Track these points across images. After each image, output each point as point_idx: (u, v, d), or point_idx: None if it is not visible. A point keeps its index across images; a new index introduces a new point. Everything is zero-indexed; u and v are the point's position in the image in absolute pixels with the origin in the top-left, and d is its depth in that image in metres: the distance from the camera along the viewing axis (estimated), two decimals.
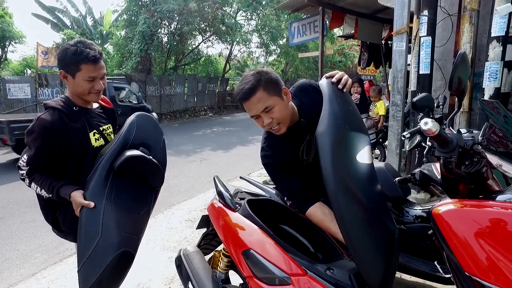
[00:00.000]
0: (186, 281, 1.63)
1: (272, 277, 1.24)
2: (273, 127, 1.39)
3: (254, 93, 1.32)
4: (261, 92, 1.32)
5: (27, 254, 3.30)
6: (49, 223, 1.72)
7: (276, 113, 1.36)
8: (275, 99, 1.35)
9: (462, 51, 1.27)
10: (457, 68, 1.27)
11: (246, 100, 1.34)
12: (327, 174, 1.10)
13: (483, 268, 0.81)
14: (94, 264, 1.42)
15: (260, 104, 1.33)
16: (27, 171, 1.54)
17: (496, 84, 2.84)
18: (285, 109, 1.39)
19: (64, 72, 1.53)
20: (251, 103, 1.34)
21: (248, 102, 1.35)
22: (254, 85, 1.32)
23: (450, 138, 1.18)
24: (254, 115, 1.38)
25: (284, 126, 1.41)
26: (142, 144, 1.69)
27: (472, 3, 2.95)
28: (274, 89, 1.36)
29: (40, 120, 1.50)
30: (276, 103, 1.35)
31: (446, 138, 1.17)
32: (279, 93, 1.37)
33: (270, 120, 1.36)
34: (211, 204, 1.73)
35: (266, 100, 1.33)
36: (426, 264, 1.81)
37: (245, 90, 1.33)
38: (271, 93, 1.34)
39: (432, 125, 1.10)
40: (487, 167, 1.20)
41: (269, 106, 1.34)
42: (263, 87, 1.33)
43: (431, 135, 1.12)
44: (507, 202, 0.91)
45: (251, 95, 1.33)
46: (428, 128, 1.11)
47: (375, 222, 1.17)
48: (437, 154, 1.20)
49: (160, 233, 3.55)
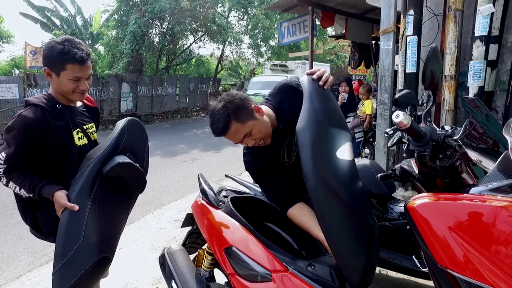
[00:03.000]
0: (170, 280, 1.62)
1: (254, 274, 1.24)
2: (259, 144, 1.42)
3: (229, 128, 1.34)
4: (235, 124, 1.34)
5: (12, 256, 3.24)
6: (27, 224, 1.68)
7: (257, 134, 1.38)
8: (250, 123, 1.36)
9: (433, 46, 1.28)
10: (429, 62, 1.28)
11: (224, 135, 1.38)
12: (307, 170, 1.11)
13: (455, 260, 0.82)
14: (72, 268, 1.39)
15: (238, 135, 1.37)
16: (4, 170, 1.48)
17: (480, 82, 2.89)
18: (263, 126, 1.40)
19: (49, 70, 1.50)
20: (229, 136, 1.38)
21: (227, 136, 1.38)
22: (226, 122, 1.33)
23: (423, 131, 1.19)
24: (237, 142, 1.41)
25: (268, 138, 1.44)
26: (130, 150, 1.68)
27: (456, 3, 2.99)
28: (246, 114, 1.36)
29: (21, 117, 1.45)
30: (252, 126, 1.36)
31: (419, 131, 1.19)
32: (252, 115, 1.38)
33: (253, 142, 1.40)
34: (195, 202, 1.73)
35: (242, 129, 1.36)
36: (410, 260, 1.83)
37: (219, 130, 1.35)
38: (244, 121, 1.35)
39: (403, 118, 1.11)
40: (461, 161, 1.22)
41: (248, 132, 1.36)
42: (234, 119, 1.34)
43: (403, 127, 1.13)
44: (480, 195, 0.93)
45: (226, 131, 1.35)
46: (400, 121, 1.12)
47: (355, 218, 1.18)
48: (411, 148, 1.22)
49: (150, 233, 3.53)
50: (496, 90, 3.22)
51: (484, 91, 2.94)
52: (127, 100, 13.46)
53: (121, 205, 1.72)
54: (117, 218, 1.69)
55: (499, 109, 3.26)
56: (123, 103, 13.28)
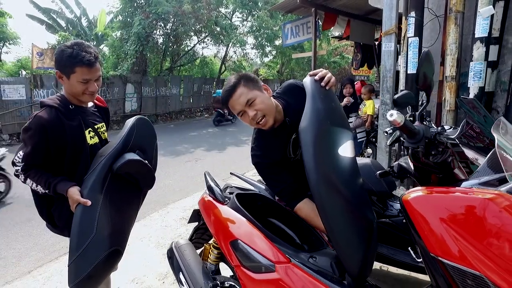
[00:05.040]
0: (177, 272, 1.69)
1: (258, 265, 1.30)
2: (259, 120, 1.47)
3: (235, 90, 1.46)
4: (242, 88, 1.46)
5: (23, 253, 3.33)
6: (43, 219, 1.75)
7: (259, 105, 1.46)
8: (256, 92, 1.47)
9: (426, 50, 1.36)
10: (422, 65, 1.37)
11: (230, 98, 1.47)
12: (310, 167, 1.17)
13: (445, 248, 0.88)
14: (86, 260, 1.47)
15: (242, 98, 1.45)
16: (22, 167, 1.57)
17: (480, 83, 2.93)
18: (267, 100, 1.49)
19: (60, 73, 1.58)
20: (234, 99, 1.47)
21: (232, 100, 1.47)
22: (235, 83, 1.48)
23: (416, 129, 1.26)
24: (239, 111, 1.48)
25: (270, 118, 1.49)
26: (139, 147, 1.75)
27: (457, 5, 3.04)
28: (254, 84, 1.49)
29: (37, 118, 1.54)
30: (257, 95, 1.46)
31: (413, 129, 1.26)
32: (259, 87, 1.50)
33: (254, 113, 1.46)
34: (201, 198, 1.80)
35: (247, 94, 1.46)
36: (409, 256, 1.88)
37: (228, 88, 1.49)
38: (250, 88, 1.47)
39: (397, 116, 1.18)
40: (453, 157, 1.28)
41: (251, 99, 1.45)
42: (243, 84, 1.47)
43: (397, 125, 1.20)
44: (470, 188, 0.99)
45: (233, 92, 1.46)
46: (394, 119, 1.19)
47: (355, 212, 1.23)
48: (406, 145, 1.29)
49: (155, 231, 3.61)
50: (496, 90, 3.25)
51: (484, 91, 2.98)
52: (131, 101, 13.58)
53: (131, 200, 1.80)
54: (127, 213, 1.76)
55: (500, 109, 3.29)
56: (127, 104, 13.39)
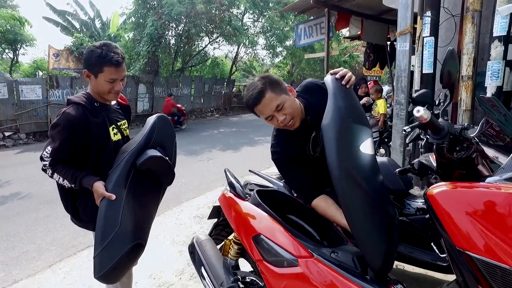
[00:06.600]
0: (199, 266, 1.73)
1: (281, 259, 1.33)
2: (288, 123, 1.49)
3: (264, 96, 1.44)
4: (270, 93, 1.44)
5: (43, 248, 3.43)
6: (68, 212, 1.81)
7: (288, 109, 1.47)
8: (283, 96, 1.47)
9: (451, 48, 1.37)
10: (446, 63, 1.37)
11: (258, 103, 1.46)
12: (332, 163, 1.19)
13: (472, 242, 0.90)
14: (110, 252, 1.52)
15: (272, 104, 1.45)
16: (50, 162, 1.63)
17: (498, 82, 2.90)
18: (294, 104, 1.50)
19: (88, 72, 1.63)
20: (263, 105, 1.46)
21: (260, 105, 1.46)
22: (262, 89, 1.44)
23: (441, 125, 1.28)
24: (268, 116, 1.48)
25: (298, 119, 1.52)
26: (160, 144, 1.80)
27: (475, 3, 3.02)
28: (280, 88, 1.48)
29: (65, 114, 1.59)
30: (285, 100, 1.46)
31: (438, 125, 1.28)
32: (285, 91, 1.50)
33: (284, 117, 1.47)
34: (222, 194, 1.83)
35: (276, 99, 1.45)
36: (427, 254, 1.89)
37: (255, 95, 1.45)
38: (278, 92, 1.46)
39: (423, 112, 1.20)
40: (477, 153, 1.29)
41: (280, 104, 1.45)
42: (270, 88, 1.45)
43: (423, 121, 1.22)
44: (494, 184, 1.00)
45: (261, 98, 1.44)
46: (420, 115, 1.21)
47: (376, 207, 1.25)
48: (431, 141, 1.30)
49: (170, 229, 3.66)
50: None
51: (502, 91, 2.96)
52: (143, 101, 13.76)
53: (152, 196, 1.84)
54: (149, 208, 1.81)
55: None
56: (139, 104, 13.57)
